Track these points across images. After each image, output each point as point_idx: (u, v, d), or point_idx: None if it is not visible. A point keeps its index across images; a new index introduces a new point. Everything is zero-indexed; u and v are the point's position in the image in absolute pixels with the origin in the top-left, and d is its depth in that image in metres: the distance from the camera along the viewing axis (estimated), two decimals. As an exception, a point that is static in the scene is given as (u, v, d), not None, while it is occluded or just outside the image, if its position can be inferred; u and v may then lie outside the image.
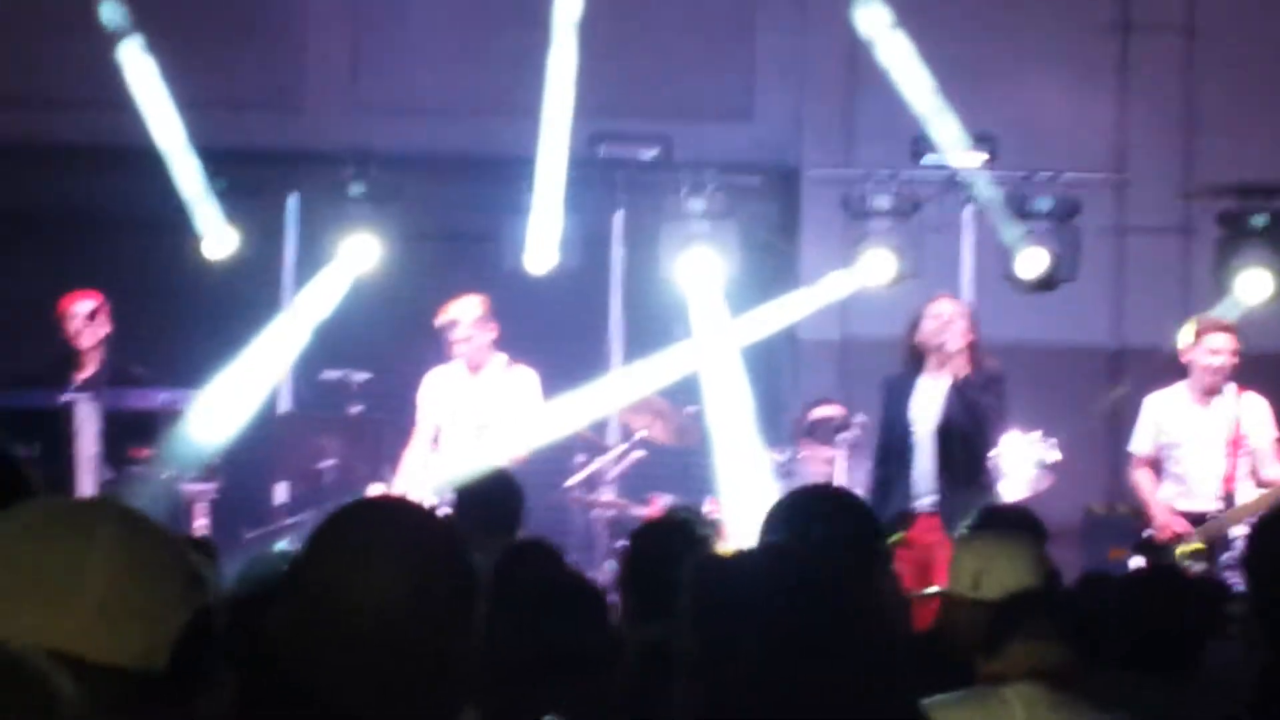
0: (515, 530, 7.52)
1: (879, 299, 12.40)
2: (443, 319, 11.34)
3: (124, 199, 12.91)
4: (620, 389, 12.22)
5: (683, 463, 12.42)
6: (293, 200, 13.48)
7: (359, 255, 12.49)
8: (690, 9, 14.46)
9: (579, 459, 12.03)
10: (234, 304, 12.66)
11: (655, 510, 10.98)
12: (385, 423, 11.88)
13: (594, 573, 10.32)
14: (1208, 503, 10.47)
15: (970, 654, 4.91)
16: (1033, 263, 12.33)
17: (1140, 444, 10.85)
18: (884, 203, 12.51)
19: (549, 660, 4.68)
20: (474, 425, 11.21)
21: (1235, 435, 10.51)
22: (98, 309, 11.28)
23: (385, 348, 12.58)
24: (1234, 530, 10.13)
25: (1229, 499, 10.41)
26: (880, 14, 12.17)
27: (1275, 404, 10.64)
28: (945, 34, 13.10)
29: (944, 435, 10.18)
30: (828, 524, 4.12)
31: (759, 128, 14.43)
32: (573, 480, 11.93)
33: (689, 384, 12.35)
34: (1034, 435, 10.86)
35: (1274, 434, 10.56)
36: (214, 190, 12.42)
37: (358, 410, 12.01)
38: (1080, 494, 12.19)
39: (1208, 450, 10.51)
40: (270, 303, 12.95)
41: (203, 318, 12.95)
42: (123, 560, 2.49)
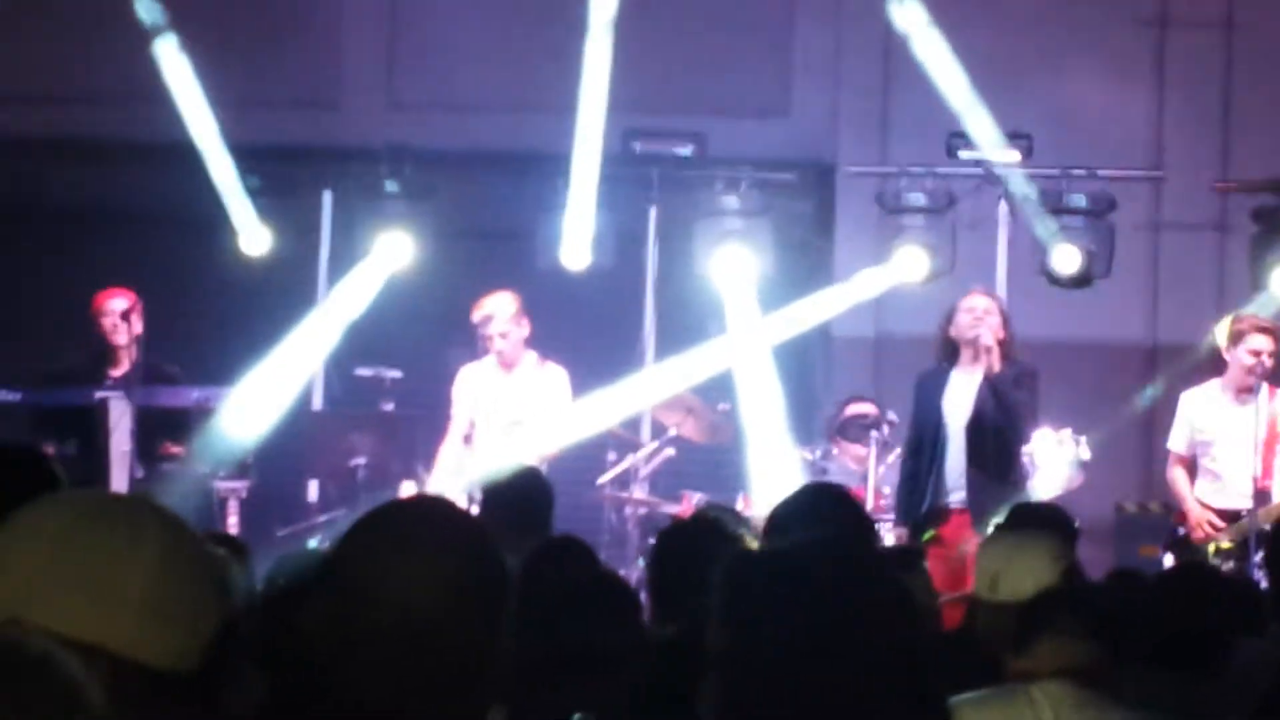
0: (545, 529, 7.51)
1: (913, 296, 12.38)
2: (479, 314, 11.35)
3: (159, 196, 12.94)
4: (653, 386, 12.22)
5: (714, 460, 12.42)
6: (327, 197, 13.49)
7: (393, 252, 12.52)
8: (726, 5, 14.46)
9: (611, 456, 12.03)
10: (268, 301, 12.68)
11: (687, 508, 10.99)
12: (418, 420, 11.90)
13: (626, 571, 10.33)
14: (1242, 500, 10.44)
15: (996, 653, 4.92)
16: (1067, 259, 12.29)
17: (1176, 441, 10.83)
18: (919, 199, 12.49)
19: (580, 658, 4.68)
20: (506, 422, 11.22)
21: (1270, 433, 10.49)
22: (131, 308, 11.30)
23: (419, 345, 12.59)
24: (1267, 529, 10.10)
25: (1263, 496, 10.39)
26: (916, 10, 12.14)
27: (1307, 400, 10.61)
28: (981, 29, 13.09)
29: (975, 430, 10.16)
30: (829, 524, 4.12)
31: (794, 124, 14.42)
32: (605, 478, 11.94)
33: (722, 381, 12.35)
34: (1066, 432, 10.83)
35: (1309, 432, 10.54)
36: (249, 187, 12.46)
37: (390, 407, 12.03)
38: (1112, 491, 12.17)
39: (1242, 448, 10.48)
40: (305, 300, 12.96)
41: (237, 315, 12.98)
42: (169, 561, 2.49)
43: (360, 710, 2.70)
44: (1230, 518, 10.43)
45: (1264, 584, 7.85)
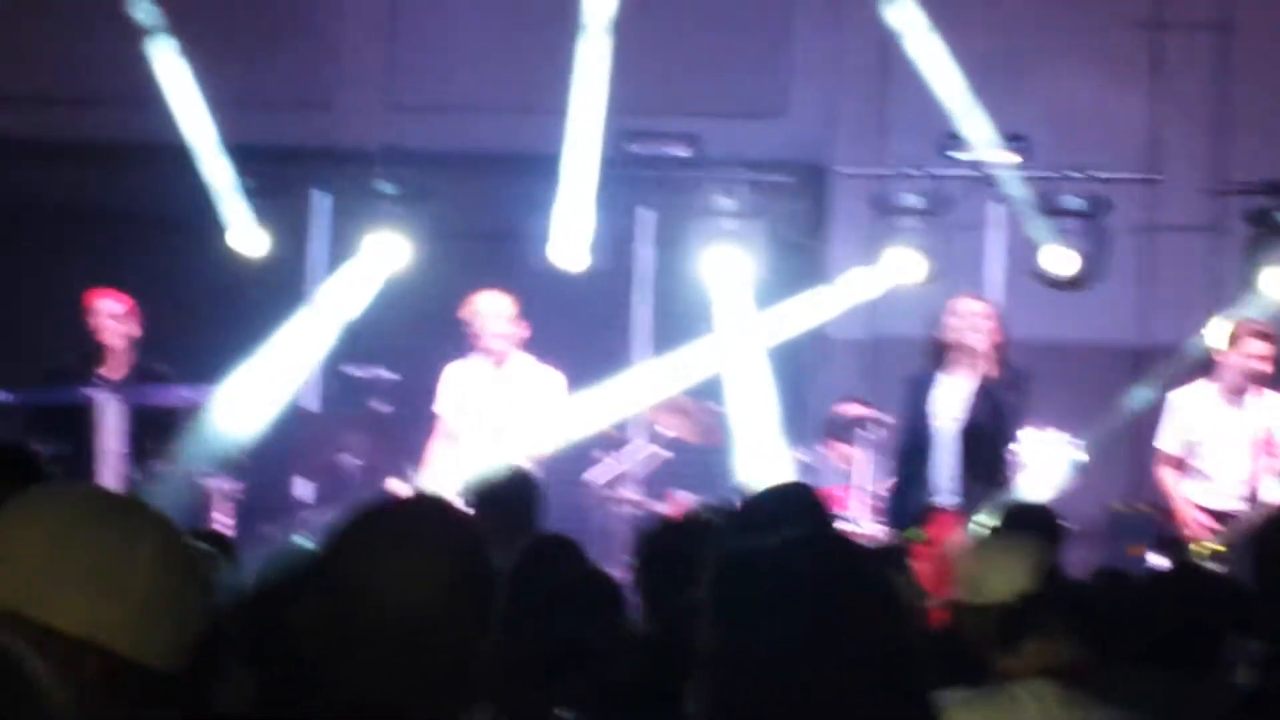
0: (534, 529, 7.51)
1: (908, 298, 12.37)
2: (469, 312, 11.32)
3: (154, 196, 12.92)
4: (646, 387, 12.22)
5: (706, 461, 12.42)
6: (322, 198, 13.49)
7: (388, 253, 12.52)
8: (722, 6, 14.45)
9: (603, 457, 12.03)
10: (263, 302, 12.68)
11: (675, 507, 10.99)
12: (410, 420, 11.89)
13: (615, 570, 10.32)
14: (1232, 501, 10.46)
15: (981, 654, 4.93)
16: (1062, 261, 12.30)
17: (1167, 441, 10.83)
18: (914, 201, 12.49)
19: (569, 656, 4.69)
20: (497, 423, 11.20)
21: (1262, 435, 10.50)
22: (128, 312, 11.32)
23: (412, 346, 12.57)
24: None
25: (1254, 498, 10.40)
26: (913, 11, 12.14)
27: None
28: (977, 31, 13.08)
29: (970, 436, 10.14)
30: (794, 525, 4.12)
31: (789, 125, 14.41)
32: (594, 477, 11.93)
33: (715, 382, 12.35)
34: (1060, 435, 10.82)
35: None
36: (244, 188, 12.46)
37: (382, 408, 12.02)
38: (1103, 492, 12.17)
39: (1234, 449, 10.50)
40: (299, 301, 12.96)
41: (232, 315, 12.95)
42: (165, 559, 2.50)
43: (351, 706, 2.71)
44: (1219, 518, 10.44)
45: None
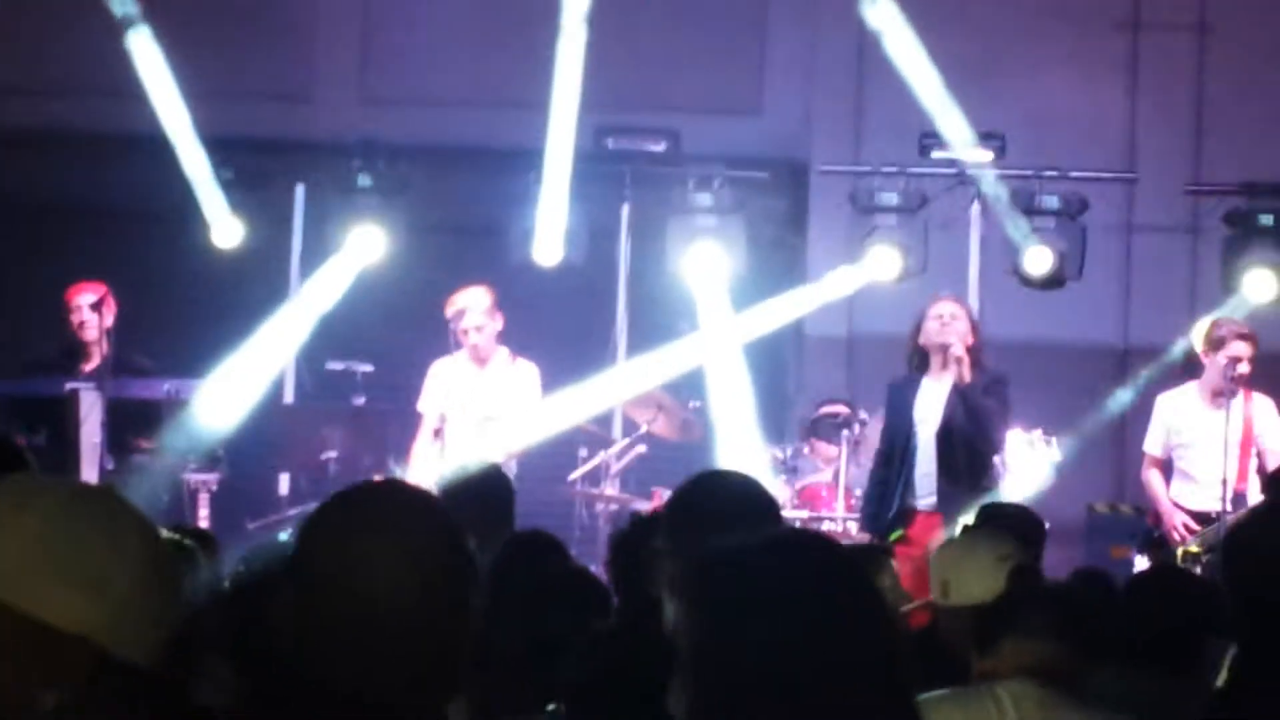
0: (507, 526, 7.49)
1: (886, 295, 12.39)
2: (452, 308, 11.32)
3: (131, 188, 12.91)
4: (624, 383, 12.22)
5: (685, 458, 12.41)
6: (300, 191, 13.48)
7: (365, 246, 12.51)
8: (700, 3, 14.46)
9: (582, 453, 12.03)
10: (240, 294, 12.67)
11: (658, 504, 10.98)
12: (389, 414, 11.88)
13: (596, 566, 10.31)
14: (1217, 502, 10.46)
15: (959, 654, 4.94)
16: (1039, 260, 12.32)
17: (1152, 444, 10.84)
18: (892, 199, 12.50)
19: (551, 652, 4.68)
20: (479, 418, 11.21)
21: (1245, 436, 10.52)
22: (102, 300, 11.29)
23: (391, 339, 12.58)
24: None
25: (1238, 499, 10.41)
26: (890, 10, 12.16)
27: (1280, 402, 10.65)
28: (955, 31, 13.11)
29: (945, 438, 10.11)
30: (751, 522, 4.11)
31: (768, 122, 14.43)
32: (575, 474, 11.93)
33: (693, 379, 12.35)
34: (1036, 434, 10.84)
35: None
36: (221, 180, 12.45)
37: (362, 401, 12.01)
38: (1083, 493, 12.19)
39: (1217, 450, 10.49)
40: (276, 293, 12.95)
41: (209, 308, 12.95)
42: (147, 555, 2.50)
43: (329, 699, 2.69)
44: (1204, 519, 10.45)
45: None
